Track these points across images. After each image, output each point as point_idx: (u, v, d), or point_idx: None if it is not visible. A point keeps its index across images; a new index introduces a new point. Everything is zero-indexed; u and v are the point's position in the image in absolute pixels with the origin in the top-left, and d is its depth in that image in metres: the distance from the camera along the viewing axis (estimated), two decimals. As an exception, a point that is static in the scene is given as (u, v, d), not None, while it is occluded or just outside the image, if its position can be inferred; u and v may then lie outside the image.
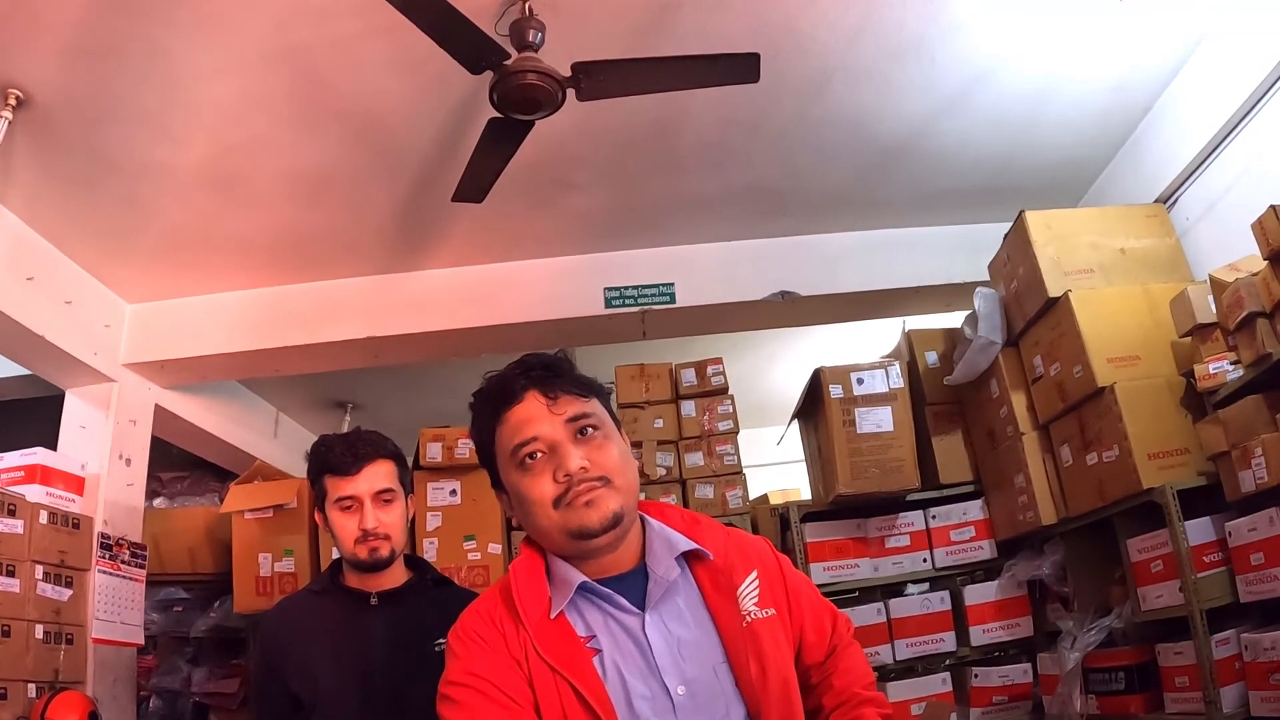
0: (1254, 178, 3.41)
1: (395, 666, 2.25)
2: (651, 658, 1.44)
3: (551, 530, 1.49)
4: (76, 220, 3.97)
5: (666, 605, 1.50)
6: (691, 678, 1.44)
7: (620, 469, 1.50)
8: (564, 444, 1.48)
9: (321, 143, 3.69)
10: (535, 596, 1.49)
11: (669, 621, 1.49)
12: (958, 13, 3.31)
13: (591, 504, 1.45)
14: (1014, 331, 3.92)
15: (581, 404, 1.53)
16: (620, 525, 1.48)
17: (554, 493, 1.47)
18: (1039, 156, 4.29)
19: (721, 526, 1.67)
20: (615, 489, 1.48)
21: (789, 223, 4.77)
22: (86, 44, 2.99)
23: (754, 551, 1.65)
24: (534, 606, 1.47)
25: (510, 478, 1.54)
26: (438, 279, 4.88)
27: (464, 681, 1.43)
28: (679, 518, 1.64)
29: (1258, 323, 2.85)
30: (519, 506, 1.54)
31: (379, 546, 2.29)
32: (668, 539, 1.55)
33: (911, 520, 4.22)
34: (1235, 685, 2.87)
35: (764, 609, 1.53)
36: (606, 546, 1.50)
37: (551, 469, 1.48)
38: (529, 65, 2.87)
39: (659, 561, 1.52)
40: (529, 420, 1.51)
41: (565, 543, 1.49)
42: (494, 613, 1.50)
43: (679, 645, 1.46)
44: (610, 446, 1.52)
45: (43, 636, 3.47)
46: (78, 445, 4.35)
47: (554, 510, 1.47)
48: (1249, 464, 2.83)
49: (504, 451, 1.54)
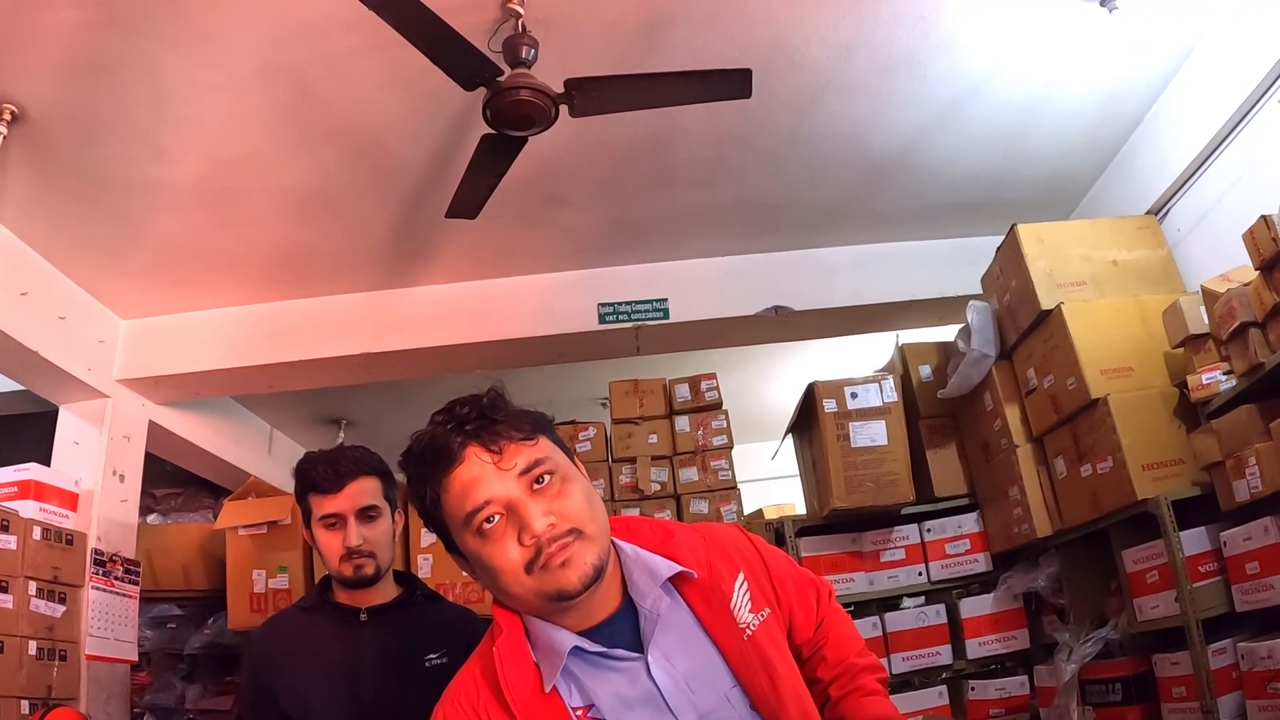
0: (1244, 188, 3.43)
1: (385, 682, 2.24)
2: (662, 700, 1.34)
3: (526, 595, 1.35)
4: (71, 236, 3.97)
5: (664, 639, 1.39)
6: (706, 710, 1.36)
7: (588, 515, 1.36)
8: (522, 501, 1.33)
9: (315, 159, 3.69)
10: (522, 674, 1.36)
11: (671, 656, 1.38)
12: (949, 28, 3.33)
13: (568, 564, 1.31)
14: (1007, 344, 3.93)
15: (529, 449, 1.37)
16: (601, 578, 1.36)
17: (523, 558, 1.32)
18: (1031, 170, 4.30)
19: (695, 532, 1.55)
20: (588, 539, 1.34)
21: (782, 237, 4.78)
22: (81, 60, 3.00)
23: (734, 550, 1.54)
24: (521, 687, 1.35)
25: (467, 546, 1.38)
26: (432, 295, 4.88)
27: None
28: (650, 535, 1.51)
29: (1250, 333, 2.84)
30: (484, 574, 1.39)
31: (364, 564, 2.28)
32: (647, 566, 1.43)
33: (906, 534, 4.22)
34: (1233, 695, 2.86)
35: (759, 612, 1.46)
36: (585, 602, 1.37)
37: (515, 531, 1.32)
38: (522, 82, 2.87)
39: (644, 595, 1.41)
40: (475, 482, 1.34)
41: (542, 605, 1.36)
42: (475, 700, 1.37)
43: (687, 679, 1.37)
44: (572, 490, 1.37)
45: (36, 653, 3.46)
46: (71, 461, 4.34)
47: (527, 576, 1.32)
48: (1243, 473, 2.83)
49: (455, 519, 1.37)
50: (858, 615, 4.09)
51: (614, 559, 1.44)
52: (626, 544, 1.48)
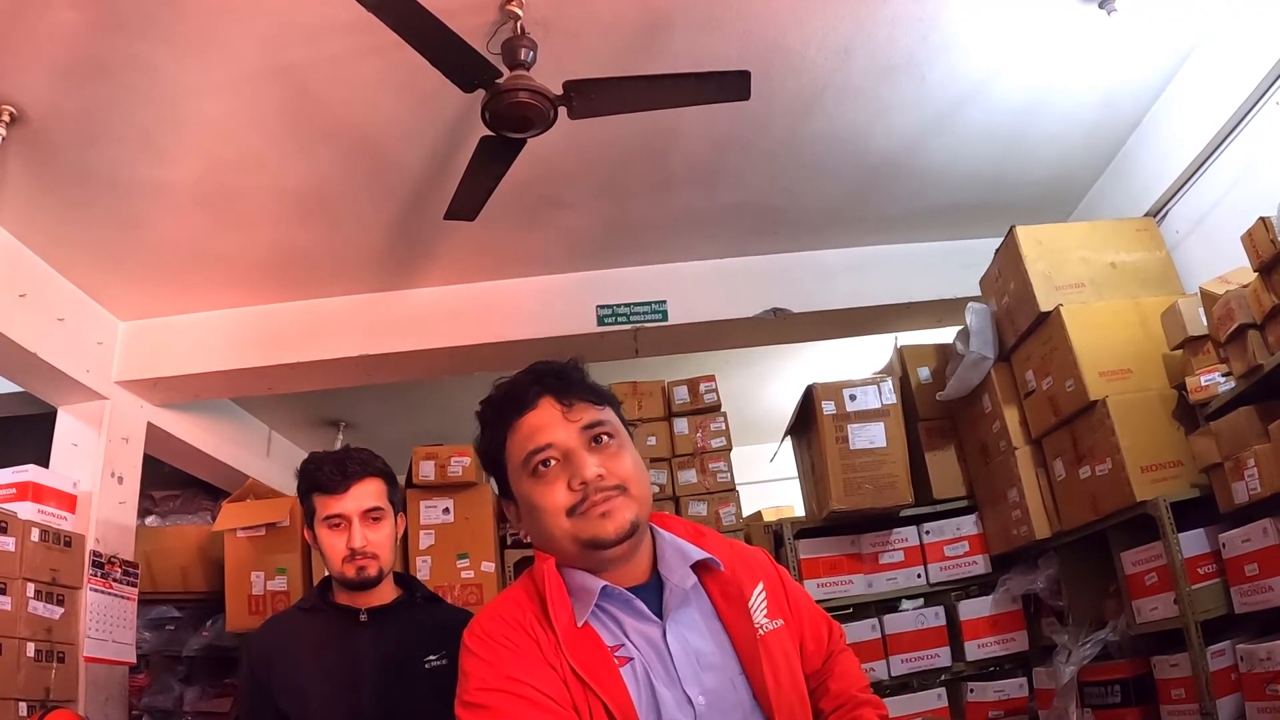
0: (1243, 190, 3.43)
1: (384, 684, 2.25)
2: (673, 666, 1.43)
3: (563, 539, 1.45)
4: (69, 237, 3.97)
5: (683, 615, 1.49)
6: (710, 688, 1.43)
7: (636, 478, 1.48)
8: (579, 451, 1.45)
9: (314, 161, 3.69)
10: (563, 604, 1.45)
11: (686, 631, 1.47)
12: (947, 31, 3.33)
13: (608, 514, 1.43)
14: (1006, 346, 3.92)
15: (596, 412, 1.50)
16: (635, 536, 1.46)
17: (568, 501, 1.44)
18: (1029, 172, 4.31)
19: (724, 538, 1.67)
20: (631, 498, 1.45)
21: (781, 240, 4.78)
22: (80, 62, 3.00)
23: (757, 563, 1.65)
24: (563, 613, 1.44)
25: (521, 486, 1.50)
26: (430, 297, 4.88)
27: (500, 686, 1.37)
28: (683, 528, 1.62)
29: (1248, 334, 2.84)
30: (528, 516, 1.51)
31: (367, 565, 2.29)
32: (679, 548, 1.53)
33: (905, 536, 4.21)
34: (1232, 696, 2.86)
35: (774, 620, 1.54)
36: (620, 558, 1.47)
37: (566, 477, 1.45)
38: (521, 84, 2.87)
39: (673, 570, 1.50)
40: (543, 427, 1.48)
41: (577, 553, 1.46)
42: (522, 617, 1.46)
43: (698, 655, 1.45)
44: (625, 455, 1.49)
45: (34, 655, 3.45)
46: (70, 463, 4.34)
47: (567, 519, 1.44)
48: (1241, 475, 2.83)
49: (515, 459, 1.50)
50: (856, 617, 4.09)
51: (649, 538, 1.55)
52: (662, 530, 1.58)
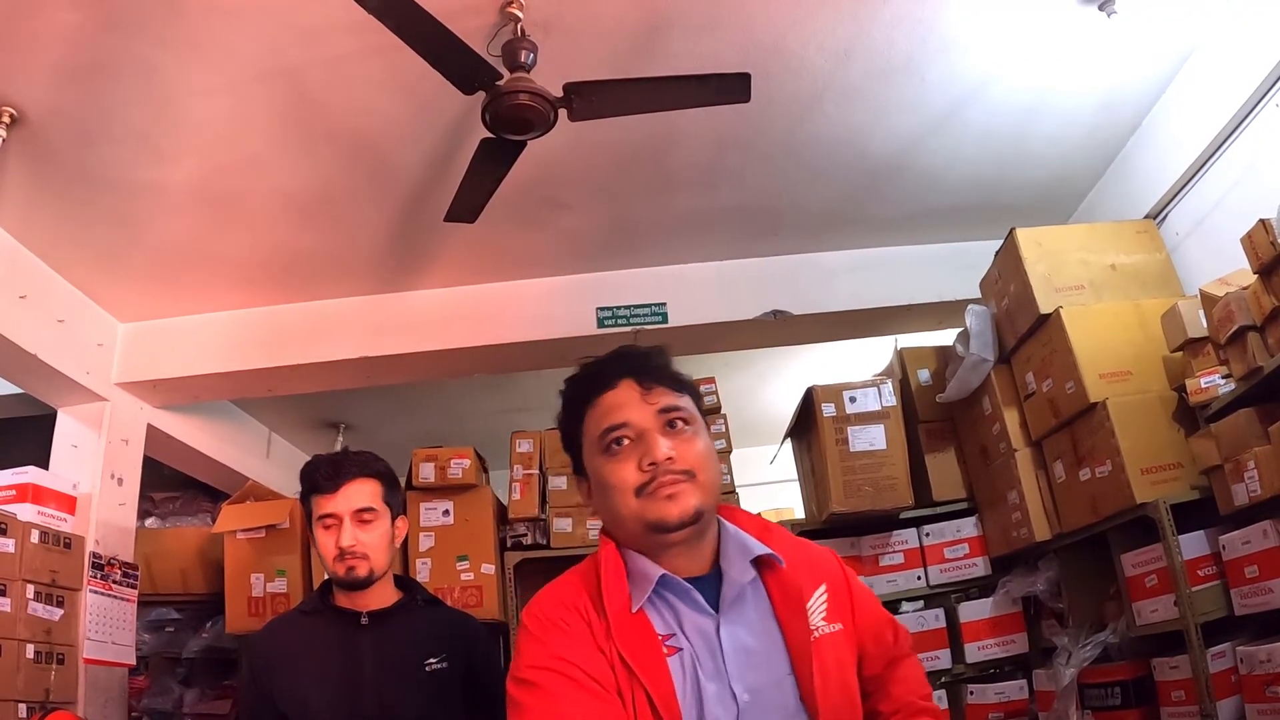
0: (1242, 192, 3.43)
1: (384, 686, 2.25)
2: (722, 661, 1.44)
3: (629, 519, 1.48)
4: (69, 238, 3.97)
5: (739, 611, 1.50)
6: (757, 686, 1.43)
7: (705, 465, 1.50)
8: (652, 433, 1.48)
9: (314, 163, 3.69)
10: (618, 589, 1.48)
11: (740, 627, 1.48)
12: (947, 32, 3.33)
13: (673, 497, 1.45)
14: (1006, 348, 3.92)
15: (674, 397, 1.53)
16: (698, 523, 1.48)
17: (637, 480, 1.46)
18: (1029, 174, 4.30)
19: (791, 536, 1.67)
20: (698, 484, 1.47)
21: (780, 242, 4.78)
22: (79, 62, 3.00)
23: (822, 564, 1.64)
24: (617, 598, 1.46)
25: (594, 462, 1.54)
26: (430, 299, 4.88)
27: (549, 665, 1.40)
28: (751, 523, 1.64)
29: (1248, 336, 2.84)
30: (599, 493, 1.54)
31: (356, 565, 2.29)
32: (742, 543, 1.55)
33: (905, 538, 4.22)
34: (1232, 698, 2.85)
35: (831, 623, 1.53)
36: (682, 543, 1.49)
37: (637, 456, 1.47)
38: (521, 86, 2.88)
39: (733, 564, 1.52)
40: (620, 406, 1.51)
41: (641, 534, 1.49)
42: (576, 599, 1.49)
43: (749, 652, 1.46)
44: (698, 442, 1.51)
45: (34, 656, 3.45)
46: (69, 464, 4.33)
47: (634, 498, 1.47)
48: (1241, 477, 2.82)
49: (591, 436, 1.54)
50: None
51: (714, 530, 1.57)
52: (729, 523, 1.60)
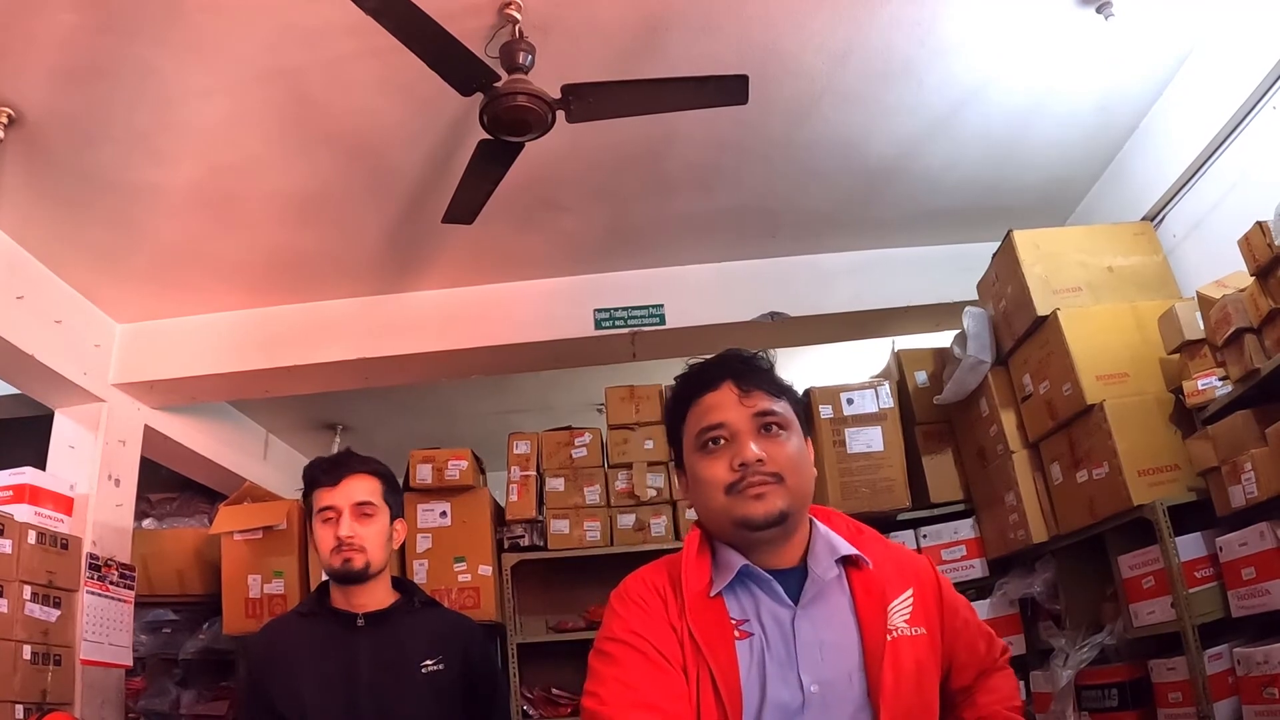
0: (1240, 194, 3.42)
1: (381, 687, 2.25)
2: (794, 651, 1.48)
3: (719, 514, 1.54)
4: (67, 239, 3.97)
5: (819, 605, 1.54)
6: (826, 679, 1.46)
7: (795, 469, 1.54)
8: (745, 434, 1.53)
9: (312, 164, 3.69)
10: (699, 574, 1.55)
11: (818, 621, 1.52)
12: (945, 35, 3.33)
13: (761, 497, 1.49)
14: (1003, 350, 3.93)
15: (771, 402, 1.57)
16: (784, 524, 1.52)
17: (727, 479, 1.52)
18: (1026, 176, 4.30)
19: (884, 540, 1.71)
20: (786, 488, 1.51)
21: (778, 243, 4.78)
22: (78, 64, 2.99)
23: (912, 569, 1.67)
24: (696, 582, 1.53)
25: (691, 459, 1.60)
26: (428, 300, 4.88)
27: (624, 639, 1.49)
28: (845, 526, 1.68)
29: (1245, 338, 2.84)
30: (694, 487, 1.60)
31: (353, 557, 2.31)
32: (830, 542, 1.59)
33: (902, 540, 4.19)
34: (1229, 700, 2.85)
35: (914, 627, 1.56)
36: (770, 541, 1.54)
37: (729, 456, 1.53)
38: (519, 87, 2.88)
39: (819, 561, 1.55)
40: (718, 406, 1.56)
41: (729, 529, 1.54)
42: (658, 581, 1.58)
43: (822, 646, 1.49)
44: (789, 446, 1.55)
45: (30, 657, 3.45)
46: (67, 465, 4.33)
47: (724, 495, 1.52)
48: (1239, 479, 2.83)
49: (690, 433, 1.60)
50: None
51: (805, 528, 1.61)
52: (822, 524, 1.64)
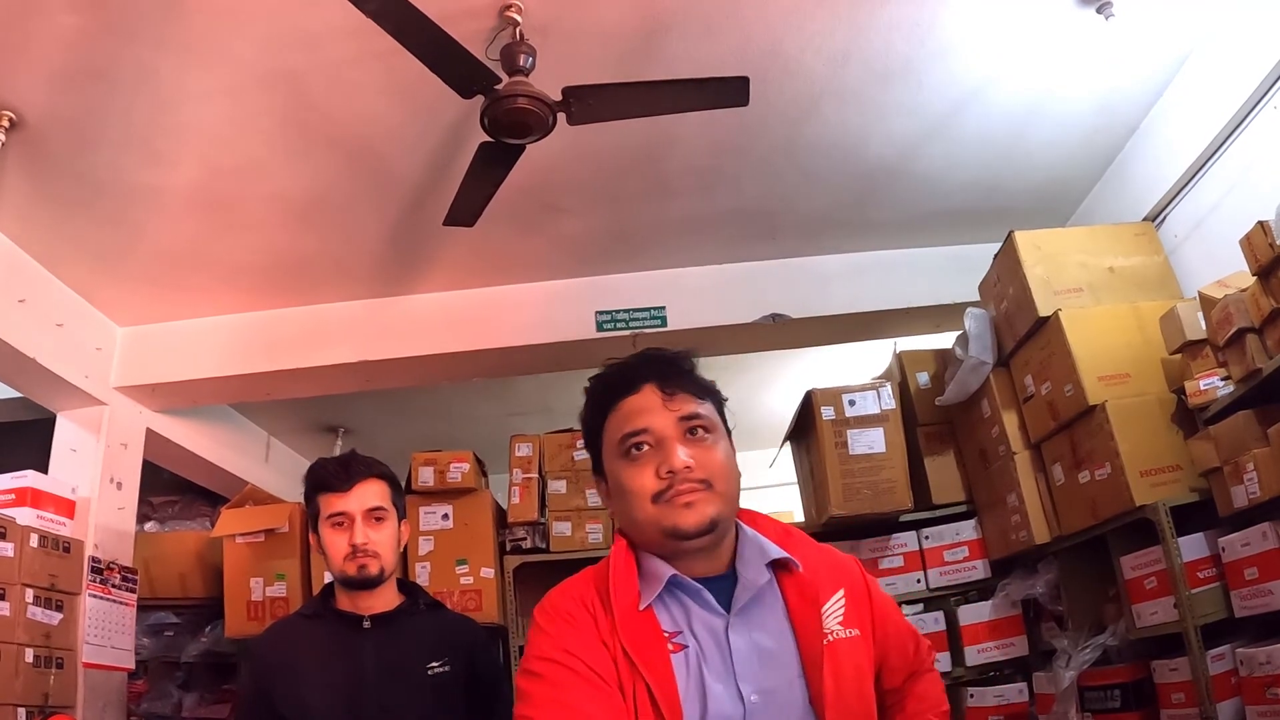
0: (1241, 194, 3.43)
1: (386, 690, 2.25)
2: (730, 662, 1.44)
3: (645, 524, 1.48)
4: (68, 242, 3.97)
5: (751, 612, 1.49)
6: (767, 687, 1.43)
7: (724, 474, 1.49)
8: (672, 440, 1.48)
9: (313, 167, 3.70)
10: (627, 587, 1.48)
11: (752, 629, 1.48)
12: (944, 36, 3.34)
13: (690, 505, 1.44)
14: (1004, 351, 3.92)
15: (696, 404, 1.53)
16: (715, 531, 1.47)
17: (655, 487, 1.46)
18: (1027, 177, 4.30)
19: (813, 541, 1.66)
20: (716, 494, 1.47)
21: (779, 245, 4.78)
22: (78, 66, 3.00)
23: (842, 570, 1.63)
24: (624, 595, 1.47)
25: (613, 466, 1.54)
26: (429, 303, 4.88)
27: (552, 657, 1.42)
28: (772, 528, 1.63)
29: (1247, 338, 2.84)
30: (617, 496, 1.55)
31: (368, 564, 2.30)
32: (760, 546, 1.54)
33: (905, 541, 4.21)
34: (1232, 700, 2.85)
35: (848, 629, 1.53)
36: (698, 549, 1.49)
37: (656, 463, 1.47)
38: (520, 90, 2.88)
39: (749, 566, 1.51)
40: (642, 411, 1.51)
41: (657, 539, 1.48)
42: (584, 595, 1.50)
43: (758, 653, 1.46)
44: (717, 450, 1.51)
45: (33, 660, 3.44)
46: (68, 468, 4.33)
47: (651, 505, 1.46)
48: (1241, 479, 2.83)
49: (611, 439, 1.54)
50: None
51: (733, 533, 1.56)
52: (749, 527, 1.59)
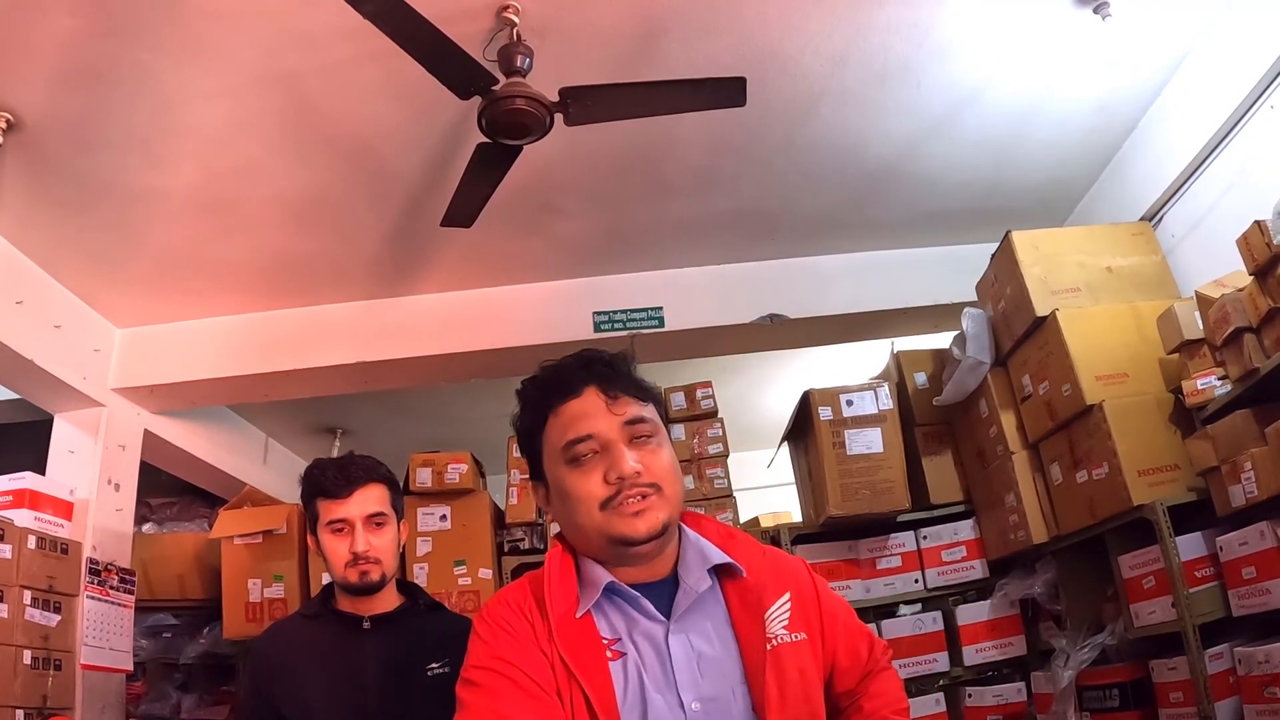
0: (1238, 194, 3.43)
1: (387, 691, 2.24)
2: (670, 669, 1.41)
3: (591, 531, 1.46)
4: (66, 244, 3.97)
5: (692, 618, 1.47)
6: (708, 695, 1.41)
7: (670, 478, 1.47)
8: (618, 445, 1.45)
9: (311, 168, 3.70)
10: (564, 594, 1.46)
11: (692, 635, 1.46)
12: (942, 37, 3.34)
13: (640, 514, 1.42)
14: (1002, 351, 3.93)
15: (640, 407, 1.50)
16: (662, 536, 1.45)
17: (603, 494, 1.43)
18: (1025, 177, 4.31)
19: (758, 544, 1.63)
20: (664, 498, 1.45)
21: (777, 245, 4.79)
22: (77, 68, 3.00)
23: (789, 573, 1.61)
24: (561, 602, 1.45)
25: (555, 471, 1.50)
26: (427, 304, 4.88)
27: (489, 666, 1.40)
28: (715, 531, 1.60)
29: (1244, 338, 2.85)
30: (559, 502, 1.51)
31: (369, 570, 2.30)
32: (701, 550, 1.52)
33: (903, 541, 4.21)
34: (1230, 700, 2.86)
35: (794, 633, 1.50)
36: (644, 555, 1.47)
37: (603, 469, 1.44)
38: (517, 90, 2.88)
39: (690, 572, 1.49)
40: (585, 416, 1.47)
41: (602, 546, 1.46)
42: (522, 603, 1.48)
43: (699, 661, 1.43)
44: (663, 453, 1.49)
45: (31, 662, 3.44)
46: (66, 470, 4.33)
47: (599, 511, 1.44)
48: (1238, 479, 2.83)
49: (553, 444, 1.50)
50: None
51: (676, 540, 1.55)
52: (691, 531, 1.58)
